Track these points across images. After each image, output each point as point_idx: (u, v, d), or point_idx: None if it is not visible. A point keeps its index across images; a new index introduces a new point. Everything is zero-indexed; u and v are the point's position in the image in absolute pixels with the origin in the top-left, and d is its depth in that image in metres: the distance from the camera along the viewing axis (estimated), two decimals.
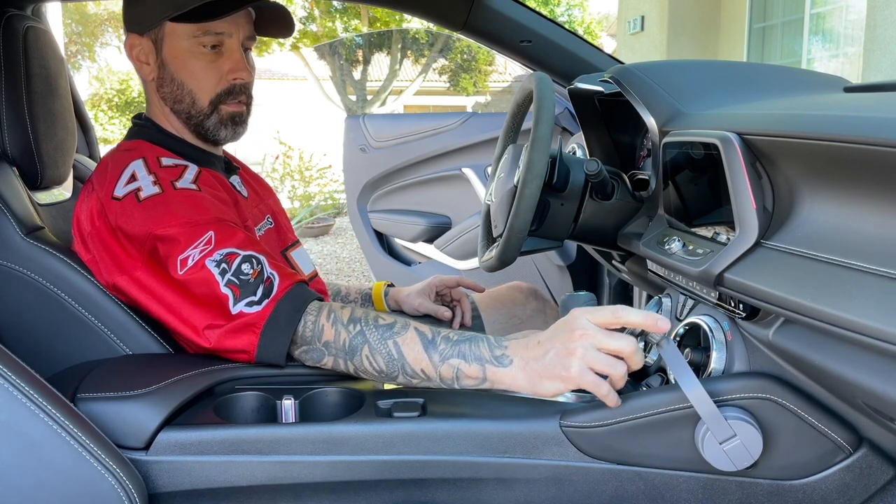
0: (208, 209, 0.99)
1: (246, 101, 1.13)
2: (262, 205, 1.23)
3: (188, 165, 1.06)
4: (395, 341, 0.91)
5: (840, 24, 7.01)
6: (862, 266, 0.66)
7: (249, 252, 0.96)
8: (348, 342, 0.93)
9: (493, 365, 0.88)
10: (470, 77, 12.62)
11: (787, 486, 0.87)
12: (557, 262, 2.04)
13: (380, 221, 2.66)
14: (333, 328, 0.93)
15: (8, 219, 1.01)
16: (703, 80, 1.11)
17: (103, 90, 14.29)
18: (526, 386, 0.87)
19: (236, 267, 0.94)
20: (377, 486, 0.88)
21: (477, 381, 0.89)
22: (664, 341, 0.83)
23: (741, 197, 0.81)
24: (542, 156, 1.05)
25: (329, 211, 6.82)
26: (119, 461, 0.80)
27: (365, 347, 0.92)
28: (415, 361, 0.90)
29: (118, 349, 1.01)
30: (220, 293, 0.93)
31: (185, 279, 0.94)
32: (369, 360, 0.92)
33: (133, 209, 0.98)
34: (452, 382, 0.90)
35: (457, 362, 0.89)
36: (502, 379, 0.87)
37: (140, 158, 1.03)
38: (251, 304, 0.93)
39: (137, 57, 1.09)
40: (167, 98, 1.10)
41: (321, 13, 11.78)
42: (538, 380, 0.86)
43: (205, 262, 0.94)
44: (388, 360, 0.91)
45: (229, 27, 1.07)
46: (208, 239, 0.95)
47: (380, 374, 0.92)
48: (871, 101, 0.83)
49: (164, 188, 1.00)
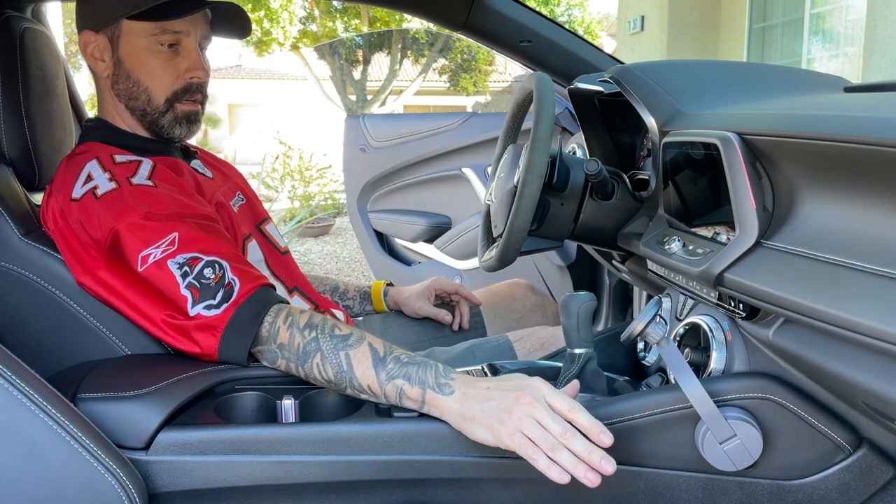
0: (165, 204, 1.00)
1: (201, 100, 1.14)
2: (229, 182, 1.24)
3: (142, 161, 1.06)
4: (346, 353, 0.91)
5: (840, 24, 7.01)
6: (862, 266, 0.66)
7: (213, 257, 0.96)
8: (302, 347, 0.92)
9: (433, 391, 0.87)
10: (470, 77, 12.62)
11: (787, 486, 0.87)
12: (557, 262, 2.04)
13: (380, 221, 2.66)
14: (289, 331, 0.93)
15: (6, 220, 1.01)
16: (703, 80, 1.11)
17: None
18: (456, 419, 0.85)
19: (198, 271, 0.95)
20: (377, 486, 0.88)
21: (416, 405, 0.88)
22: (664, 341, 0.83)
23: (741, 197, 0.81)
24: (542, 156, 1.05)
25: (329, 211, 6.82)
26: (119, 461, 0.80)
27: (317, 355, 0.92)
28: (362, 377, 0.90)
29: (118, 349, 1.01)
30: (180, 294, 0.94)
31: (145, 275, 0.95)
32: (319, 369, 0.92)
33: (92, 207, 0.98)
34: (396, 402, 0.89)
35: (401, 383, 0.88)
36: (438, 405, 0.86)
37: (94, 159, 1.04)
38: (209, 307, 0.93)
39: (92, 54, 1.09)
40: (122, 95, 1.10)
41: (321, 13, 11.78)
42: (469, 420, 0.84)
43: (166, 262, 0.94)
44: (338, 371, 0.91)
45: (187, 26, 1.08)
46: (171, 240, 0.96)
47: (329, 384, 0.92)
48: (871, 101, 0.83)
49: (120, 184, 1.00)
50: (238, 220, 1.15)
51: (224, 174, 1.25)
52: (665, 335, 0.84)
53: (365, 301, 1.47)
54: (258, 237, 1.20)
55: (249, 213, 1.22)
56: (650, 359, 1.15)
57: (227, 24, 1.16)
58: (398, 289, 1.48)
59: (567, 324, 1.01)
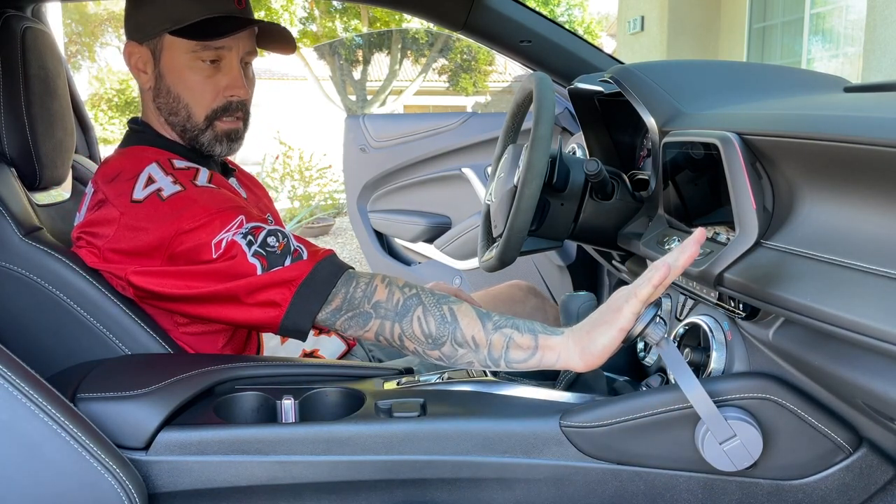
0: (231, 199, 1.00)
1: (243, 118, 1.12)
2: (260, 204, 1.24)
3: (200, 168, 1.06)
4: (450, 307, 0.91)
5: (840, 24, 7.01)
6: (862, 266, 0.66)
7: (275, 227, 0.97)
8: (402, 302, 0.91)
9: (545, 334, 0.87)
10: (470, 77, 12.61)
11: (787, 486, 0.87)
12: (557, 262, 2.03)
13: (380, 221, 2.66)
14: (388, 289, 0.93)
15: (6, 220, 1.01)
16: (703, 80, 1.11)
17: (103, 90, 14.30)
18: (575, 350, 0.84)
19: (262, 239, 0.94)
20: (377, 486, 0.88)
21: (527, 353, 0.87)
22: (664, 341, 0.83)
23: (741, 197, 0.81)
24: (542, 156, 1.05)
25: (329, 211, 6.82)
26: (119, 461, 0.80)
27: (419, 308, 0.91)
28: (467, 326, 0.89)
29: (118, 349, 1.01)
30: (248, 263, 0.93)
31: (217, 259, 0.94)
32: (420, 322, 0.90)
33: (157, 208, 0.97)
34: (500, 354, 0.88)
35: (510, 332, 0.88)
36: (554, 345, 0.86)
37: (154, 162, 1.03)
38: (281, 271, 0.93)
39: (135, 65, 1.09)
40: (162, 108, 1.09)
41: (321, 13, 11.78)
42: (586, 335, 0.84)
43: (233, 239, 0.94)
44: (441, 322, 0.89)
45: (229, 42, 1.06)
46: (239, 222, 0.96)
47: (426, 339, 0.90)
48: (871, 101, 0.83)
49: (185, 186, 0.99)
50: None
51: (256, 195, 1.26)
52: (664, 335, 0.84)
53: None
54: None
55: None
56: (650, 359, 1.15)
57: (273, 40, 1.15)
58: None
59: (567, 324, 1.01)
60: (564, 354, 0.85)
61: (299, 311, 0.92)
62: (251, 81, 1.13)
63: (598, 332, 0.83)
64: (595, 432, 0.87)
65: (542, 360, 0.87)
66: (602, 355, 0.83)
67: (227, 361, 0.99)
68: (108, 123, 13.84)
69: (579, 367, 0.84)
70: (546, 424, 0.88)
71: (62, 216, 1.22)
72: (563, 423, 0.88)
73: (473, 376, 1.00)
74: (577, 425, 0.87)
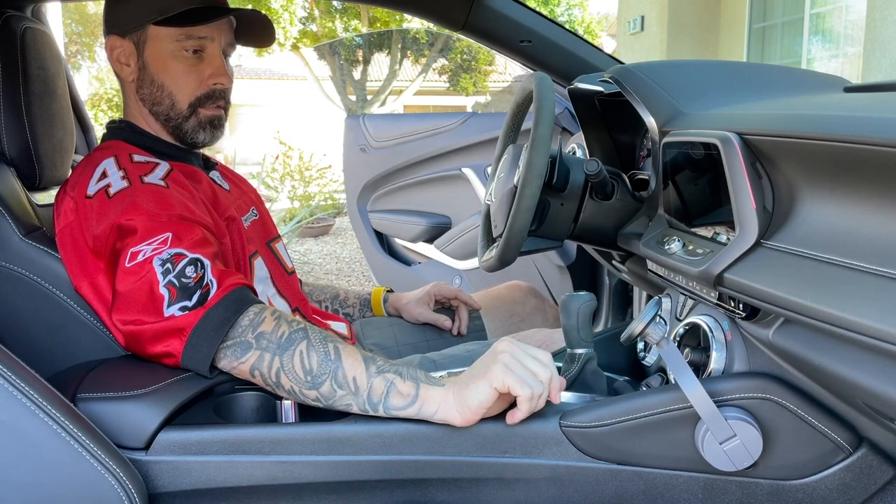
0: (172, 205, 0.99)
1: (224, 106, 1.15)
2: (245, 197, 1.24)
3: (159, 163, 1.06)
4: (335, 346, 0.89)
5: (840, 24, 7.01)
6: (862, 266, 0.66)
7: (197, 255, 0.94)
8: (287, 335, 0.89)
9: (427, 384, 0.87)
10: (470, 77, 12.61)
11: (787, 486, 0.87)
12: (557, 262, 2.03)
13: (380, 221, 2.66)
14: (276, 321, 0.91)
15: (6, 219, 1.01)
16: (703, 80, 1.11)
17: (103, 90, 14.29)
18: (453, 401, 0.85)
19: (180, 269, 0.92)
20: (377, 486, 0.88)
21: (407, 400, 0.86)
22: (664, 341, 0.83)
23: (741, 197, 0.81)
24: (542, 156, 1.05)
25: (329, 211, 6.81)
26: (119, 461, 0.80)
27: (303, 343, 0.89)
28: (350, 367, 0.87)
29: (118, 349, 1.01)
30: (158, 293, 0.91)
31: (130, 271, 0.93)
32: (302, 356, 0.88)
33: (103, 205, 0.98)
34: (380, 399, 0.86)
35: (392, 377, 0.87)
36: (434, 396, 0.85)
37: (112, 156, 1.04)
38: (184, 308, 0.90)
39: (118, 59, 1.10)
40: (146, 100, 1.11)
41: (321, 13, 11.78)
42: (464, 389, 0.84)
43: (151, 260, 0.93)
44: (324, 359, 0.87)
45: (211, 32, 1.09)
46: (164, 239, 0.94)
47: (306, 376, 0.87)
48: (871, 101, 0.83)
49: (131, 182, 1.00)
50: (248, 235, 1.15)
51: (241, 189, 1.26)
52: (665, 335, 0.84)
53: (365, 308, 1.47)
54: (266, 254, 1.20)
55: (261, 230, 1.22)
56: (650, 359, 1.15)
57: (251, 32, 1.17)
58: (398, 295, 1.48)
59: (567, 324, 1.01)
60: (444, 407, 0.85)
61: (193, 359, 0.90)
62: (231, 73, 1.15)
63: (475, 388, 0.84)
64: (595, 432, 0.87)
65: (421, 410, 0.86)
66: (478, 411, 0.84)
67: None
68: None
69: (458, 421, 0.85)
70: (546, 424, 0.88)
71: None
72: (562, 422, 0.88)
73: None
74: (576, 425, 0.88)
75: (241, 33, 1.16)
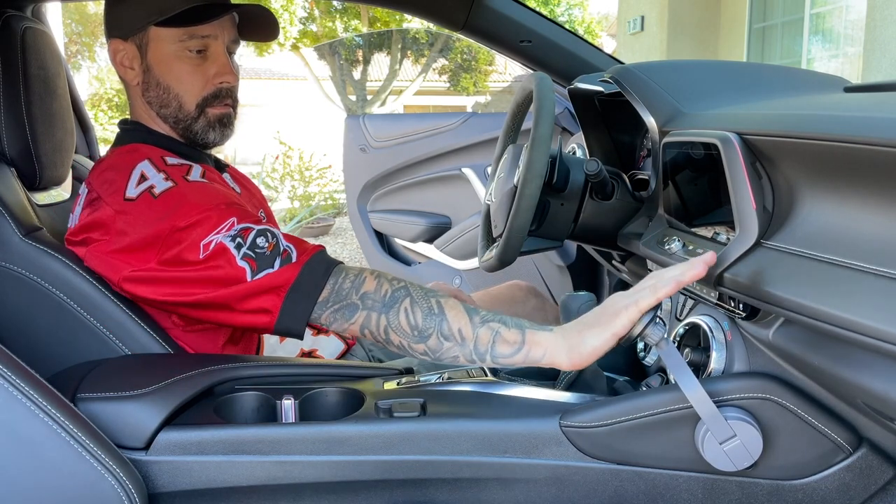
0: (225, 195, 1.00)
1: (232, 104, 1.13)
2: (253, 199, 1.25)
3: (192, 165, 1.06)
4: (437, 300, 0.91)
5: (840, 24, 7.00)
6: (862, 266, 0.66)
7: (264, 227, 0.96)
8: (390, 293, 0.91)
9: (532, 329, 0.86)
10: (470, 77, 12.61)
11: (787, 486, 0.87)
12: (557, 262, 2.03)
13: (380, 221, 2.65)
14: (377, 281, 0.93)
15: (6, 219, 1.01)
16: (703, 80, 1.11)
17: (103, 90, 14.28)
18: (563, 347, 0.84)
19: (251, 241, 0.94)
20: (377, 486, 0.88)
21: (514, 347, 0.86)
22: (664, 342, 0.83)
23: (741, 197, 0.81)
24: (542, 156, 1.05)
25: (329, 211, 6.81)
26: (119, 461, 0.80)
27: (406, 300, 0.91)
28: (454, 319, 0.88)
29: (118, 349, 1.01)
30: (237, 266, 0.92)
31: (205, 260, 0.93)
32: (407, 313, 0.90)
33: (150, 206, 0.97)
34: (487, 349, 0.87)
35: (497, 326, 0.87)
36: (541, 341, 0.85)
37: (146, 159, 1.03)
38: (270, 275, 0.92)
39: (121, 62, 1.09)
40: (153, 102, 1.10)
41: (321, 13, 11.78)
42: (577, 335, 0.83)
43: (222, 241, 0.94)
44: (428, 314, 0.89)
45: (214, 30, 1.07)
46: (230, 223, 0.95)
47: (412, 331, 0.90)
48: (871, 101, 0.83)
49: (176, 182, 0.99)
50: None
51: (249, 191, 1.26)
52: (664, 336, 0.84)
53: None
54: None
55: None
56: (650, 359, 1.15)
57: (255, 27, 1.16)
58: None
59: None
60: (552, 350, 0.85)
61: (291, 316, 0.92)
62: (237, 70, 1.14)
63: (591, 334, 0.83)
64: (595, 432, 0.87)
65: (529, 356, 0.86)
66: (590, 356, 0.83)
67: (227, 361, 0.99)
68: (109, 123, 13.81)
69: (565, 364, 0.84)
70: (546, 424, 0.88)
71: (62, 216, 1.22)
72: (563, 423, 0.88)
73: (473, 376, 1.00)
74: (577, 425, 0.88)
75: (244, 28, 1.15)
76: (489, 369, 1.05)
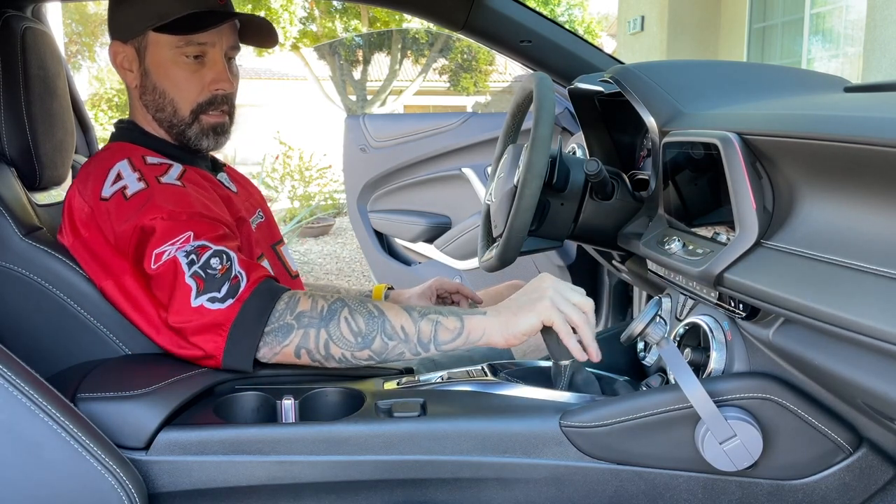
0: (191, 203, 0.99)
1: (228, 111, 1.13)
2: (251, 199, 1.25)
3: (173, 164, 1.06)
4: (374, 305, 0.94)
5: (840, 24, 7.00)
6: (862, 266, 0.66)
7: (221, 247, 0.95)
8: (327, 307, 0.92)
9: (468, 315, 0.92)
10: (470, 77, 12.61)
11: (787, 486, 0.87)
12: (557, 262, 2.03)
13: (380, 221, 2.65)
14: (311, 299, 0.93)
15: (7, 219, 1.01)
16: (703, 80, 1.11)
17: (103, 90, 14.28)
18: (499, 328, 0.91)
19: (205, 260, 0.93)
20: (377, 485, 0.88)
21: (454, 334, 0.91)
22: (664, 341, 0.83)
23: (741, 197, 0.81)
24: (542, 156, 1.05)
25: (329, 211, 6.81)
26: (119, 461, 0.80)
27: (344, 310, 0.92)
28: (395, 318, 0.92)
29: (118, 349, 1.01)
30: (184, 283, 0.92)
31: (155, 273, 0.94)
32: (348, 322, 0.91)
33: (120, 207, 0.98)
34: (430, 339, 0.91)
35: (435, 316, 0.92)
36: (477, 324, 0.92)
37: (125, 158, 1.04)
38: (213, 300, 0.91)
39: (121, 64, 1.10)
40: (149, 105, 1.10)
41: (321, 13, 11.78)
42: (511, 318, 0.91)
43: (176, 255, 0.93)
44: (369, 317, 0.92)
45: (212, 37, 1.07)
46: (186, 237, 0.95)
47: (356, 338, 0.91)
48: (871, 101, 0.83)
49: (149, 183, 1.00)
50: (255, 237, 1.15)
51: (247, 191, 1.26)
52: (665, 335, 0.84)
53: None
54: (271, 257, 1.20)
55: (266, 233, 1.23)
56: (650, 359, 1.15)
57: (254, 33, 1.16)
58: (399, 291, 1.47)
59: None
60: (489, 331, 0.92)
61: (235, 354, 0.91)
62: (235, 76, 1.14)
63: (523, 317, 0.91)
64: (595, 432, 0.87)
65: (469, 339, 0.92)
66: (522, 337, 0.91)
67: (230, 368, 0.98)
68: (109, 123, 13.80)
69: (501, 343, 0.91)
70: (546, 424, 0.88)
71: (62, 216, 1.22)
72: (563, 422, 0.88)
73: (473, 376, 1.00)
74: (577, 425, 0.88)
75: (245, 32, 1.15)
76: (489, 369, 1.05)
